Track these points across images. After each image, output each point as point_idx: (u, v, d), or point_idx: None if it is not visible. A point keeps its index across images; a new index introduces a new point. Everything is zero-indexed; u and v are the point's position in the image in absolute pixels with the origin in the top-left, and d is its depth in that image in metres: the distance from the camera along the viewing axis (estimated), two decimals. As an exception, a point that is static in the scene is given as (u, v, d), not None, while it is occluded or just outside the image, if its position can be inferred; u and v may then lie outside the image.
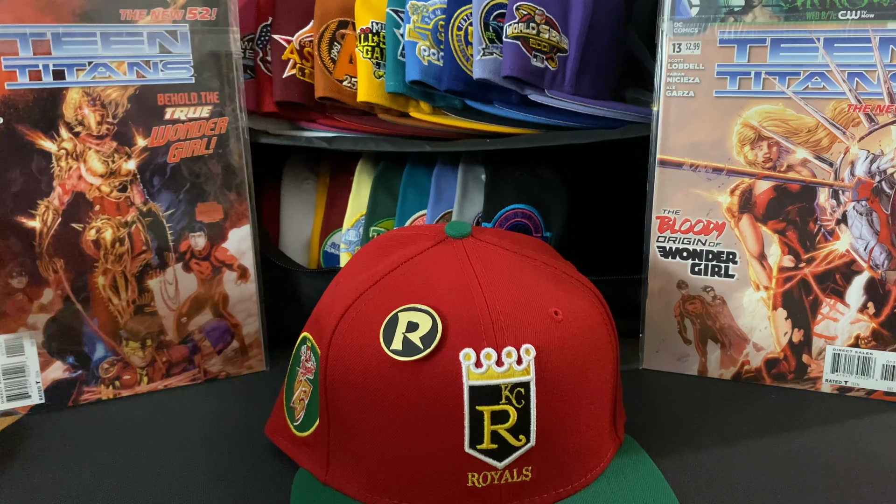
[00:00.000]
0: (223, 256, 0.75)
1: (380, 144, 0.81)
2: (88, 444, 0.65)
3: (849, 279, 0.68)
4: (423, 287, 0.55)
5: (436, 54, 0.78)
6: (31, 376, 0.70)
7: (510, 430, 0.51)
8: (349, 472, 0.54)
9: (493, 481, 0.51)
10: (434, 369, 0.51)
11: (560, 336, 0.53)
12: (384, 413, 0.52)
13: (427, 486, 0.52)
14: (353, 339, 0.54)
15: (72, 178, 0.69)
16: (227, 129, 0.74)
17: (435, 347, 0.51)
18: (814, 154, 0.67)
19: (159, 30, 0.71)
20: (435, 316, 0.52)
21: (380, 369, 0.52)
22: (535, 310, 0.54)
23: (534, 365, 0.51)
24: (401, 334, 0.52)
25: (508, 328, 0.52)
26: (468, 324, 0.52)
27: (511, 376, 0.50)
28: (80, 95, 0.68)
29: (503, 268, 0.56)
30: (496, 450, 0.51)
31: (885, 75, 0.64)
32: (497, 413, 0.50)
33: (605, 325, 0.58)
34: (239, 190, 0.75)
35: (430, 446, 0.51)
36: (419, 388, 0.51)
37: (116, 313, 0.72)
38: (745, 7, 0.67)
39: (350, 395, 0.53)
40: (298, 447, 0.58)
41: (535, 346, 0.51)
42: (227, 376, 0.78)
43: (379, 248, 0.62)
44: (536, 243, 0.65)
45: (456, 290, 0.54)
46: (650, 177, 0.72)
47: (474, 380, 0.50)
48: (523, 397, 0.51)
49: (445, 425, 0.51)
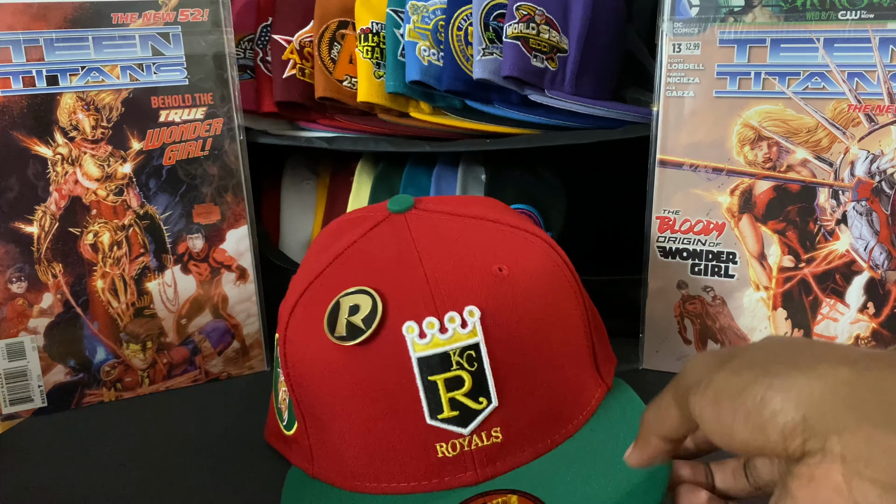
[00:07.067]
0: (221, 257, 0.76)
1: (380, 144, 0.81)
2: (90, 446, 0.66)
3: (849, 279, 0.68)
4: (364, 269, 0.54)
5: (436, 54, 0.78)
6: (32, 380, 0.70)
7: (468, 395, 0.50)
8: (331, 462, 0.54)
9: (463, 448, 0.50)
10: (380, 348, 0.51)
11: (507, 292, 0.52)
12: (344, 401, 0.52)
13: (399, 465, 0.51)
14: (303, 333, 0.54)
15: (68, 182, 0.69)
16: (222, 130, 0.74)
17: (377, 326, 0.51)
18: (814, 154, 0.67)
19: (151, 32, 0.71)
20: (374, 295, 0.52)
21: (330, 358, 0.52)
22: (477, 270, 0.53)
23: (480, 326, 0.50)
24: (344, 319, 0.52)
25: (448, 293, 0.51)
26: (407, 296, 0.51)
27: (457, 341, 0.50)
28: (73, 100, 0.69)
29: (445, 234, 0.56)
30: (458, 416, 0.50)
31: (884, 75, 0.64)
32: (450, 380, 0.50)
33: (561, 273, 0.57)
34: (236, 191, 0.75)
35: (393, 425, 0.51)
36: (370, 369, 0.51)
37: (116, 316, 0.72)
38: (745, 7, 0.66)
39: (311, 389, 0.54)
40: (289, 445, 0.59)
41: (480, 306, 0.51)
42: (229, 377, 0.78)
43: (327, 237, 0.62)
44: (486, 202, 0.64)
45: (395, 265, 0.53)
46: (650, 177, 0.71)
47: (420, 351, 0.50)
48: (475, 360, 0.50)
49: (402, 401, 0.50)
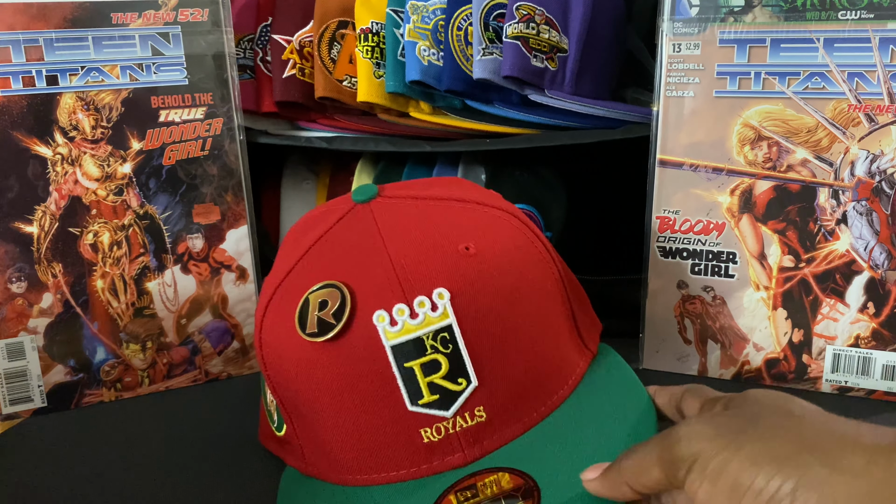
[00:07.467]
0: (221, 257, 0.75)
1: (380, 144, 0.81)
2: (90, 446, 0.66)
3: (849, 279, 0.68)
4: (331, 263, 0.54)
5: (436, 54, 0.78)
6: (32, 380, 0.70)
7: (446, 378, 0.50)
8: (322, 459, 0.54)
9: (448, 431, 0.50)
10: (353, 341, 0.51)
11: (475, 270, 0.52)
12: (325, 397, 0.52)
13: (387, 454, 0.51)
14: (277, 334, 0.54)
15: (68, 182, 0.69)
16: (222, 129, 0.74)
17: (347, 319, 0.50)
18: (814, 154, 0.67)
19: (151, 32, 0.71)
20: (342, 288, 0.51)
21: (305, 356, 0.52)
22: (442, 251, 0.53)
23: (450, 307, 0.50)
24: (314, 316, 0.51)
25: (415, 278, 0.51)
26: (375, 286, 0.51)
27: (429, 325, 0.50)
28: (73, 100, 0.69)
29: (409, 219, 0.55)
30: (439, 400, 0.50)
31: (885, 75, 0.64)
32: (426, 364, 0.50)
33: (531, 245, 0.57)
34: (236, 191, 0.75)
35: (375, 416, 0.51)
36: (345, 362, 0.51)
37: (116, 316, 0.72)
38: (745, 7, 0.66)
39: (292, 389, 0.54)
40: (282, 446, 0.59)
41: (448, 287, 0.51)
42: (229, 377, 0.78)
43: (295, 233, 0.61)
44: (452, 181, 0.64)
45: (361, 256, 0.53)
46: (650, 177, 0.72)
47: (393, 339, 0.50)
48: (449, 342, 0.50)
49: (381, 391, 0.50)
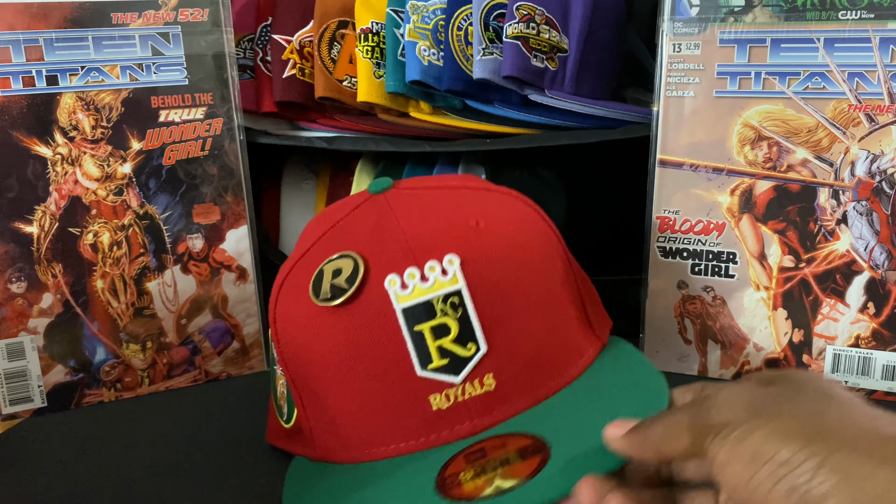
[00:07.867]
0: (221, 257, 0.75)
1: (380, 144, 0.81)
2: (90, 446, 0.65)
3: (849, 279, 0.68)
4: (345, 242, 0.55)
5: (436, 54, 0.78)
6: (32, 380, 0.70)
7: (456, 341, 0.50)
8: (331, 438, 0.54)
9: (458, 398, 0.50)
10: (365, 304, 0.51)
11: (484, 243, 0.53)
12: (335, 364, 0.52)
13: (396, 423, 0.51)
14: (290, 306, 0.55)
15: (68, 182, 0.69)
16: (222, 129, 0.74)
17: (359, 284, 0.51)
18: (814, 154, 0.67)
19: (151, 32, 0.71)
20: (356, 257, 0.52)
21: (317, 323, 0.52)
22: (453, 224, 0.54)
23: (461, 273, 0.51)
24: (327, 283, 0.52)
25: (426, 244, 0.52)
26: (387, 252, 0.52)
27: (439, 288, 0.50)
28: (73, 100, 0.69)
29: (422, 202, 0.57)
30: (448, 364, 0.50)
31: (885, 75, 0.64)
32: (436, 327, 0.50)
33: (539, 227, 0.58)
34: (236, 191, 0.75)
35: (384, 381, 0.51)
36: (356, 326, 0.51)
37: (116, 316, 0.72)
38: (745, 7, 0.66)
39: (303, 361, 0.54)
40: (291, 439, 0.59)
41: (458, 254, 0.51)
42: (229, 377, 0.78)
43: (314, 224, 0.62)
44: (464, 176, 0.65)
45: (375, 232, 0.54)
46: (650, 177, 0.72)
47: (404, 301, 0.50)
48: (459, 305, 0.50)
49: (392, 355, 0.51)
